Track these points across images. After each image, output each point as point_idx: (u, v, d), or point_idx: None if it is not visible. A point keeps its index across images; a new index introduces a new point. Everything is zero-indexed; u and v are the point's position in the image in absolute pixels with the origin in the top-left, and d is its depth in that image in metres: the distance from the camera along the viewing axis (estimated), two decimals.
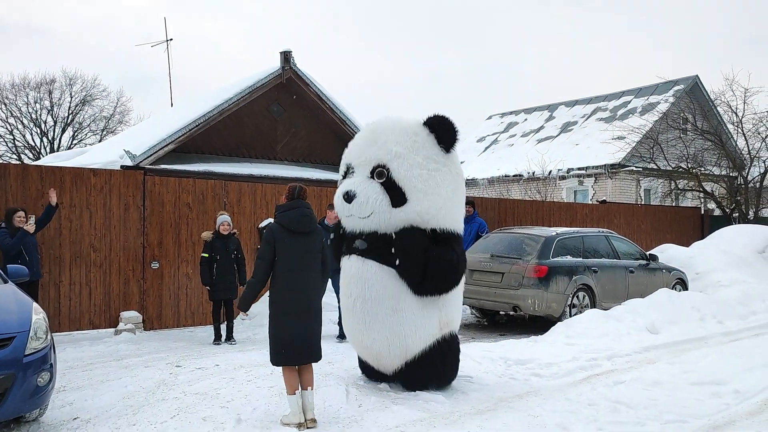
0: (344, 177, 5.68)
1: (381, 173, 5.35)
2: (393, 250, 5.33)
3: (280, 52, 14.02)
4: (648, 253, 11.48)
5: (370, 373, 5.95)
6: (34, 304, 4.95)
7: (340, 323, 7.86)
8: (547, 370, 6.61)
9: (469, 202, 11.55)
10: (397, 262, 5.32)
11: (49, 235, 8.27)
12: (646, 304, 9.11)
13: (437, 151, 5.47)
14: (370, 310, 5.44)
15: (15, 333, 4.52)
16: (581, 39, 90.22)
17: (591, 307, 9.47)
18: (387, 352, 5.52)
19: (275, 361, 4.88)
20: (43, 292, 8.12)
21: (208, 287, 8.38)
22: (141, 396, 5.63)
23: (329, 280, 5.77)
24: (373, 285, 5.39)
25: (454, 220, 5.62)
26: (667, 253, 12.97)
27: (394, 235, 5.37)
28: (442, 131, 5.47)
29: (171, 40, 20.36)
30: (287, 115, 14.57)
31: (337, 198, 5.51)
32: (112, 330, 8.73)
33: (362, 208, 5.31)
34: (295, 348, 4.81)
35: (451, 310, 5.67)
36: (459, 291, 5.77)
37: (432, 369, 5.60)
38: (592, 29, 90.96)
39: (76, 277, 8.53)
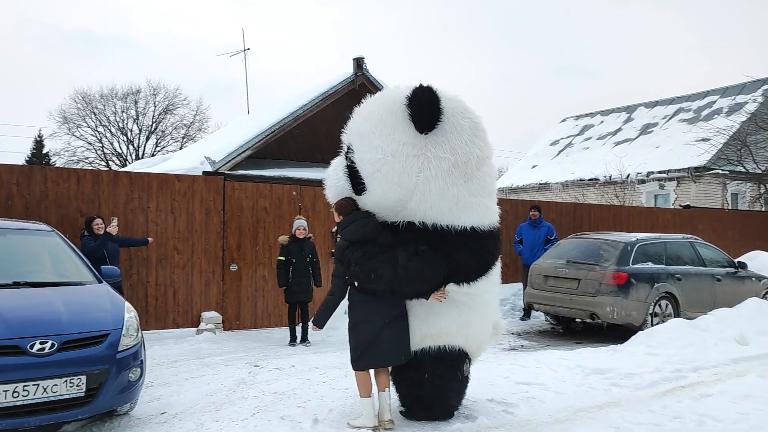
0: None
1: (348, 156, 4.83)
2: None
3: (353, 59, 14.24)
4: (736, 260, 10.93)
5: None
6: (126, 303, 5.21)
7: None
8: (628, 381, 6.39)
9: (535, 206, 11.36)
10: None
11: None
12: (734, 314, 8.67)
13: (410, 132, 4.55)
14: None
15: (109, 330, 4.77)
16: (662, 37, 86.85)
17: (674, 317, 9.10)
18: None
19: (355, 366, 4.90)
20: (132, 291, 8.54)
21: (284, 289, 8.58)
22: (222, 393, 5.84)
23: None
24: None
25: (443, 214, 4.62)
26: (757, 261, 12.33)
27: None
28: (413, 106, 4.50)
29: (248, 49, 21.00)
30: None
31: None
32: (194, 329, 9.07)
33: (328, 194, 5.02)
34: (374, 352, 4.80)
35: (437, 321, 4.77)
36: (455, 302, 4.78)
37: (411, 381, 4.96)
38: (673, 27, 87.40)
39: (161, 278, 8.93)
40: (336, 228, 5.30)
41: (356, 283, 4.76)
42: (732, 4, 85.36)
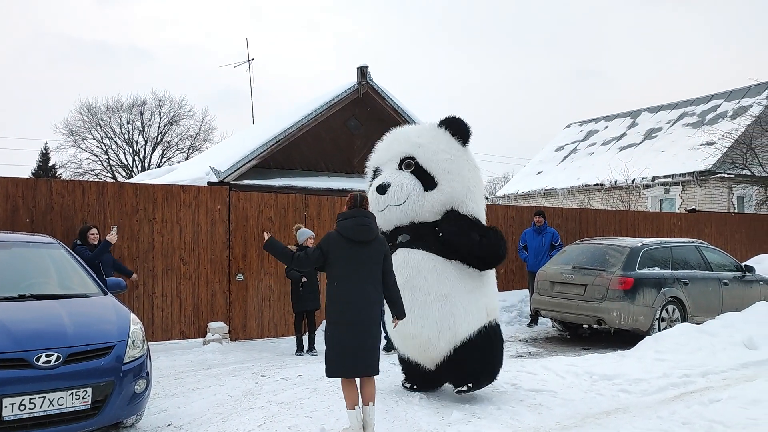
0: (372, 180, 6.04)
1: (409, 164, 5.72)
2: (440, 233, 5.59)
3: (357, 68, 14.27)
4: (743, 264, 10.87)
5: (410, 374, 6.09)
6: (132, 315, 5.21)
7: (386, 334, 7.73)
8: (636, 387, 6.35)
9: (539, 212, 11.34)
10: (442, 235, 5.59)
11: (143, 249, 8.73)
12: (742, 318, 8.62)
13: (455, 144, 5.79)
14: (419, 298, 5.47)
15: (114, 342, 4.77)
16: (666, 41, 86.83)
17: (681, 321, 9.06)
18: (436, 338, 5.52)
19: (327, 371, 4.78)
20: (138, 302, 8.56)
21: (293, 298, 8.56)
22: (229, 404, 5.83)
23: None
24: (420, 273, 5.50)
25: (479, 208, 5.85)
26: (764, 264, 12.22)
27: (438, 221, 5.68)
28: (456, 128, 5.83)
29: (253, 59, 21.13)
30: (364, 129, 14.77)
31: (371, 194, 5.72)
32: (201, 340, 9.07)
33: (397, 195, 5.58)
34: (346, 361, 4.70)
35: (493, 298, 5.88)
36: (494, 281, 6.02)
37: (480, 355, 5.62)
38: (677, 31, 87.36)
39: (167, 289, 8.94)
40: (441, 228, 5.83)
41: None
42: (736, 7, 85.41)
